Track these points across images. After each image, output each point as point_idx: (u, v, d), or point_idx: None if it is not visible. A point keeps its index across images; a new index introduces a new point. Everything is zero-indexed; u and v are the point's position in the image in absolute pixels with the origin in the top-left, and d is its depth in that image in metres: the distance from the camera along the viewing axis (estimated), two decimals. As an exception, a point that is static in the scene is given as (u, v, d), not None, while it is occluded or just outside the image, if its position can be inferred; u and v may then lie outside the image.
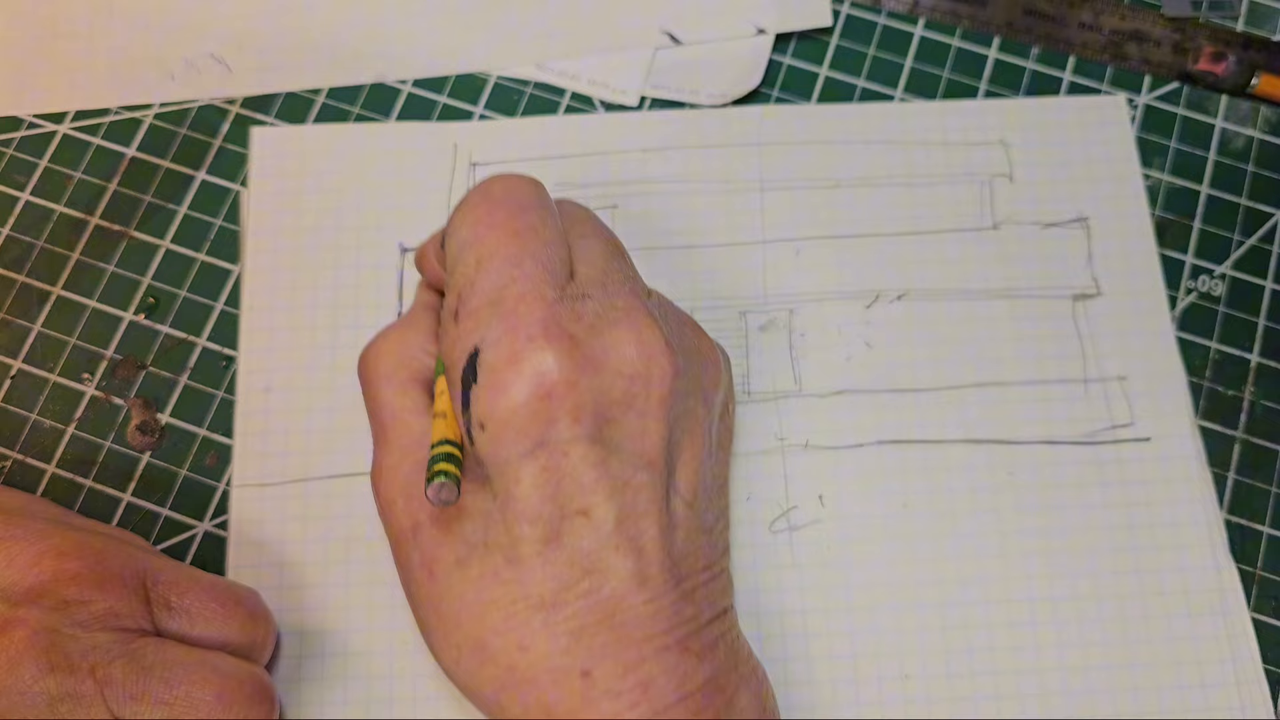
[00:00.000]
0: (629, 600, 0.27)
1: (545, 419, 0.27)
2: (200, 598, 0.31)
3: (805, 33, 0.41)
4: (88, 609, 0.29)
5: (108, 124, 0.40)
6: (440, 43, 0.41)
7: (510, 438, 0.27)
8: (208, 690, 0.29)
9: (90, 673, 0.28)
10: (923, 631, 0.34)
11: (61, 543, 0.30)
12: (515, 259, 0.28)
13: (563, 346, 0.27)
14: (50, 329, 0.38)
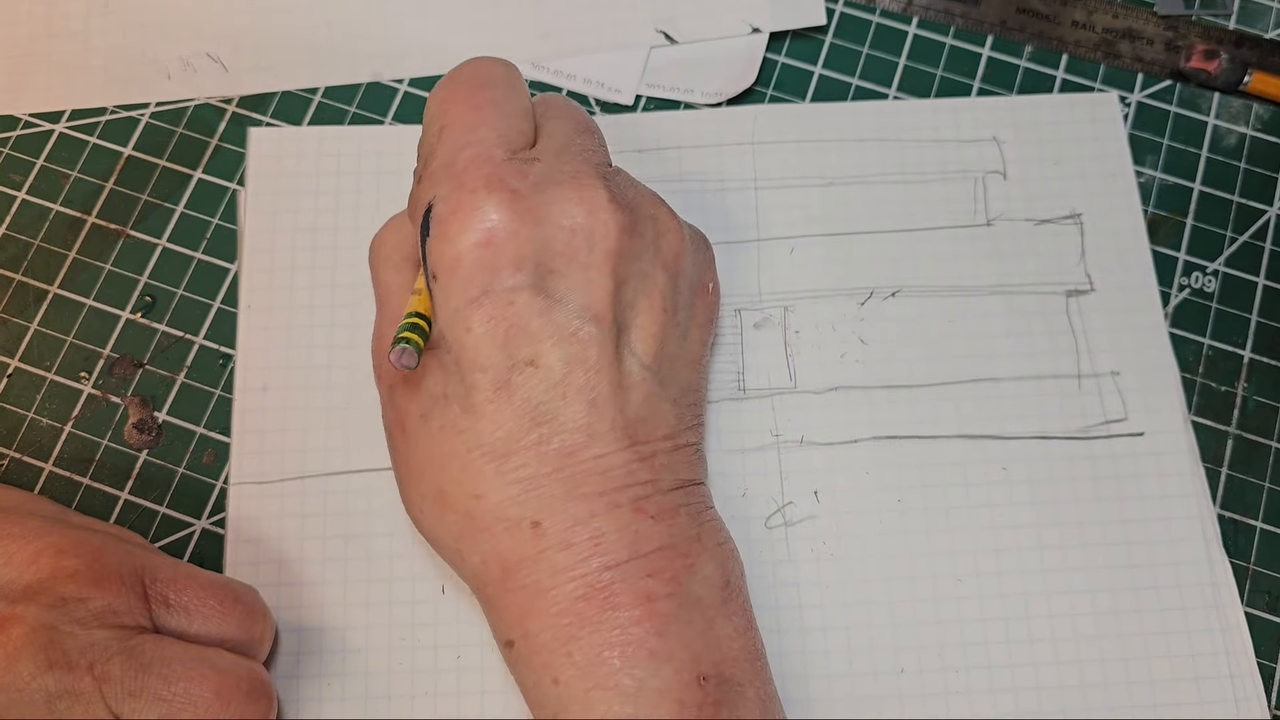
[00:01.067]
0: (579, 454, 0.28)
1: (488, 267, 0.28)
2: (198, 595, 0.31)
3: (799, 31, 0.42)
4: (86, 606, 0.29)
5: (104, 123, 0.40)
6: (436, 42, 0.41)
7: (457, 286, 0.28)
8: (206, 687, 0.29)
9: (88, 670, 0.28)
10: (917, 626, 0.34)
11: (59, 540, 0.30)
12: (471, 126, 0.30)
13: (503, 197, 0.28)
14: (47, 328, 0.38)
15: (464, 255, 0.28)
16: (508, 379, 0.29)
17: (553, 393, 0.28)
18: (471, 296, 0.28)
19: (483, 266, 0.28)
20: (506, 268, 0.28)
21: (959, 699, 0.34)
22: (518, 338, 0.28)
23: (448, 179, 0.29)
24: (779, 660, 0.34)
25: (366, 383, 0.36)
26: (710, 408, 0.36)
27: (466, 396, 0.29)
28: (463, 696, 0.33)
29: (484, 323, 0.28)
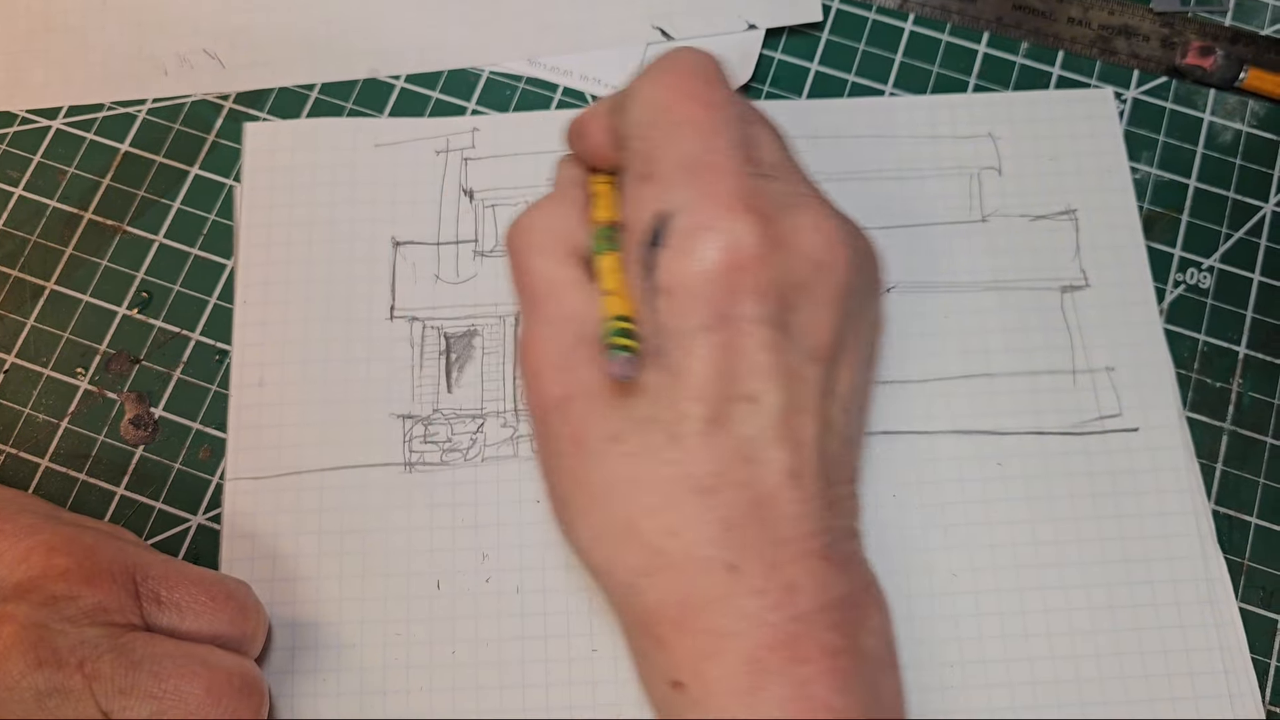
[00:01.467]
0: (781, 497, 0.27)
1: (731, 291, 0.27)
2: (190, 592, 0.31)
3: (796, 28, 0.42)
4: (76, 604, 0.29)
5: (101, 119, 0.40)
6: (433, 38, 0.41)
7: (694, 307, 0.27)
8: (196, 684, 0.29)
9: (78, 667, 0.28)
10: (911, 621, 0.34)
11: (50, 538, 0.30)
12: (710, 129, 0.28)
13: (756, 220, 0.27)
14: (44, 324, 0.38)
15: (709, 276, 0.27)
16: (724, 412, 0.27)
17: (767, 432, 0.27)
18: (706, 322, 0.27)
19: (726, 291, 0.27)
20: (750, 295, 0.27)
21: (954, 694, 0.34)
22: (744, 371, 0.27)
23: (691, 188, 0.27)
24: (774, 655, 0.34)
25: (364, 378, 0.36)
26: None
27: (676, 424, 0.27)
28: (457, 692, 0.33)
29: (713, 350, 0.27)
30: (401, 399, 0.36)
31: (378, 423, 0.36)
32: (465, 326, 0.37)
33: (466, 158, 0.39)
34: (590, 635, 0.34)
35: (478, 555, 0.35)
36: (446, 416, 0.36)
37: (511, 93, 0.41)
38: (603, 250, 0.30)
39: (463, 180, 0.39)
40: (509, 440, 0.36)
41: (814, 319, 0.28)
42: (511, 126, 0.40)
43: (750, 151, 0.28)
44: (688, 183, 0.27)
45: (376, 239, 0.38)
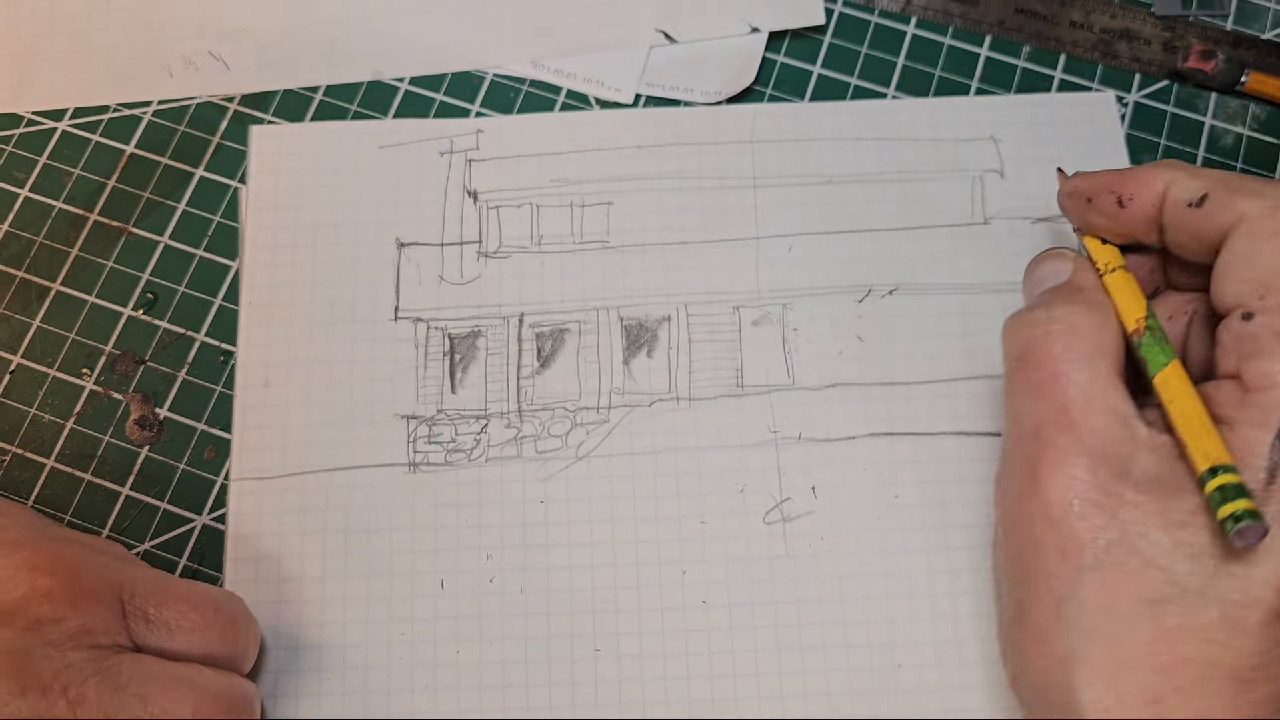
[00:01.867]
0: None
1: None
2: (178, 609, 0.30)
3: (798, 31, 0.42)
4: (60, 627, 0.28)
5: (107, 121, 0.41)
6: (437, 41, 0.41)
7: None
8: (184, 707, 0.28)
9: (62, 693, 0.27)
10: (914, 622, 0.34)
11: (34, 556, 0.29)
12: None
13: None
14: (49, 324, 0.38)
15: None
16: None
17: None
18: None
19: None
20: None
21: (954, 694, 0.34)
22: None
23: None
24: (775, 656, 0.34)
25: (368, 378, 0.37)
26: (708, 404, 0.37)
27: (1240, 606, 0.25)
28: (461, 691, 0.34)
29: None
30: (406, 400, 0.37)
31: (382, 423, 0.36)
32: (469, 327, 0.37)
33: (470, 159, 0.39)
34: (593, 636, 0.34)
35: (481, 555, 0.35)
36: (450, 417, 0.36)
37: (515, 95, 0.41)
38: (1160, 360, 0.27)
39: (467, 182, 0.39)
40: (512, 441, 0.36)
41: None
42: (516, 128, 0.40)
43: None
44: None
45: (381, 240, 0.38)
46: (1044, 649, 0.27)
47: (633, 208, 0.39)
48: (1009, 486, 0.28)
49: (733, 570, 0.35)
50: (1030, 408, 0.28)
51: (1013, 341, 0.29)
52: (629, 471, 0.36)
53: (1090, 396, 0.27)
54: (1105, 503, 0.26)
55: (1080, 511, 0.26)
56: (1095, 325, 0.28)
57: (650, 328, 0.38)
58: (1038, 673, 0.27)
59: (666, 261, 0.38)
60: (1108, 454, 0.26)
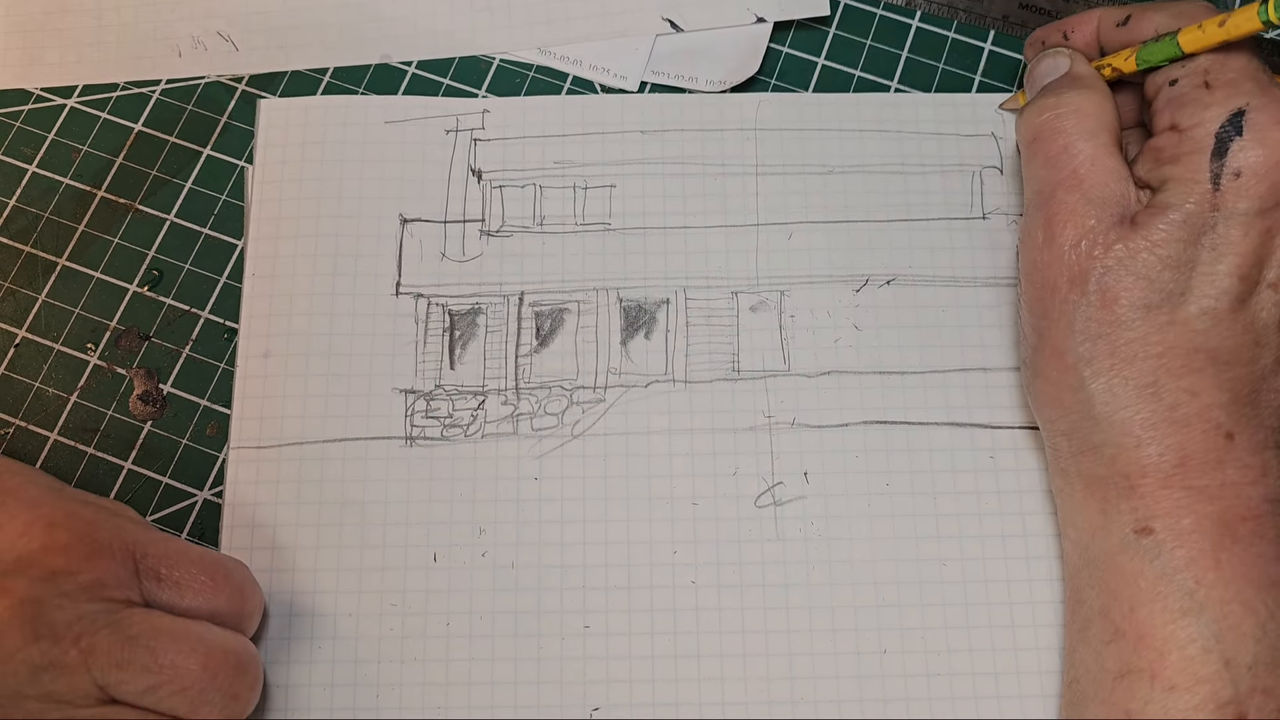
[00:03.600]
0: (1270, 383, 0.31)
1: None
2: (189, 570, 0.31)
3: (804, 22, 0.42)
4: (75, 579, 0.29)
5: (115, 99, 0.41)
6: (445, 25, 0.42)
7: (1256, 190, 0.30)
8: (193, 660, 0.29)
9: (74, 642, 0.28)
10: (901, 608, 0.35)
11: (51, 513, 0.30)
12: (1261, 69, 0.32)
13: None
14: (55, 299, 0.38)
15: (1278, 166, 0.30)
16: (1251, 293, 0.31)
17: (1274, 319, 0.31)
18: (1263, 206, 0.30)
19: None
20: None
21: (940, 680, 0.34)
22: (1272, 259, 0.30)
23: (1262, 92, 0.31)
24: (764, 638, 0.34)
25: (368, 352, 0.37)
26: (704, 387, 0.37)
27: (1213, 297, 0.30)
28: (451, 663, 0.34)
29: (1260, 234, 0.30)
30: (405, 374, 0.37)
31: (380, 396, 0.37)
32: (469, 304, 0.38)
33: (476, 138, 0.40)
34: (583, 613, 0.34)
35: (475, 530, 0.35)
36: (448, 392, 0.37)
37: (521, 80, 0.41)
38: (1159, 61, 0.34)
39: (471, 160, 0.40)
40: (509, 418, 0.37)
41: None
42: (521, 109, 0.40)
43: None
44: (1256, 88, 0.31)
45: (384, 216, 0.39)
46: (1060, 360, 0.32)
47: (635, 191, 0.39)
48: (1031, 240, 0.33)
49: (723, 552, 0.35)
50: (1046, 175, 0.33)
51: (1028, 126, 0.34)
52: (623, 451, 0.36)
53: (1095, 160, 0.32)
54: (1106, 239, 0.31)
55: (1087, 248, 0.32)
56: (1096, 105, 0.33)
57: (649, 310, 0.38)
58: (1055, 382, 0.32)
59: (667, 245, 0.39)
60: (1109, 204, 0.32)
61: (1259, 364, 0.31)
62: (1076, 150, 0.33)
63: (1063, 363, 0.32)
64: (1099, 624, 0.31)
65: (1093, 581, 0.32)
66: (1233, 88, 0.32)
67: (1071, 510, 0.33)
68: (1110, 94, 0.34)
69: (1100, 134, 0.33)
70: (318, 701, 0.34)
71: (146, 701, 0.29)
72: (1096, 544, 0.32)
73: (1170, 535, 0.30)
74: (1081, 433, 0.32)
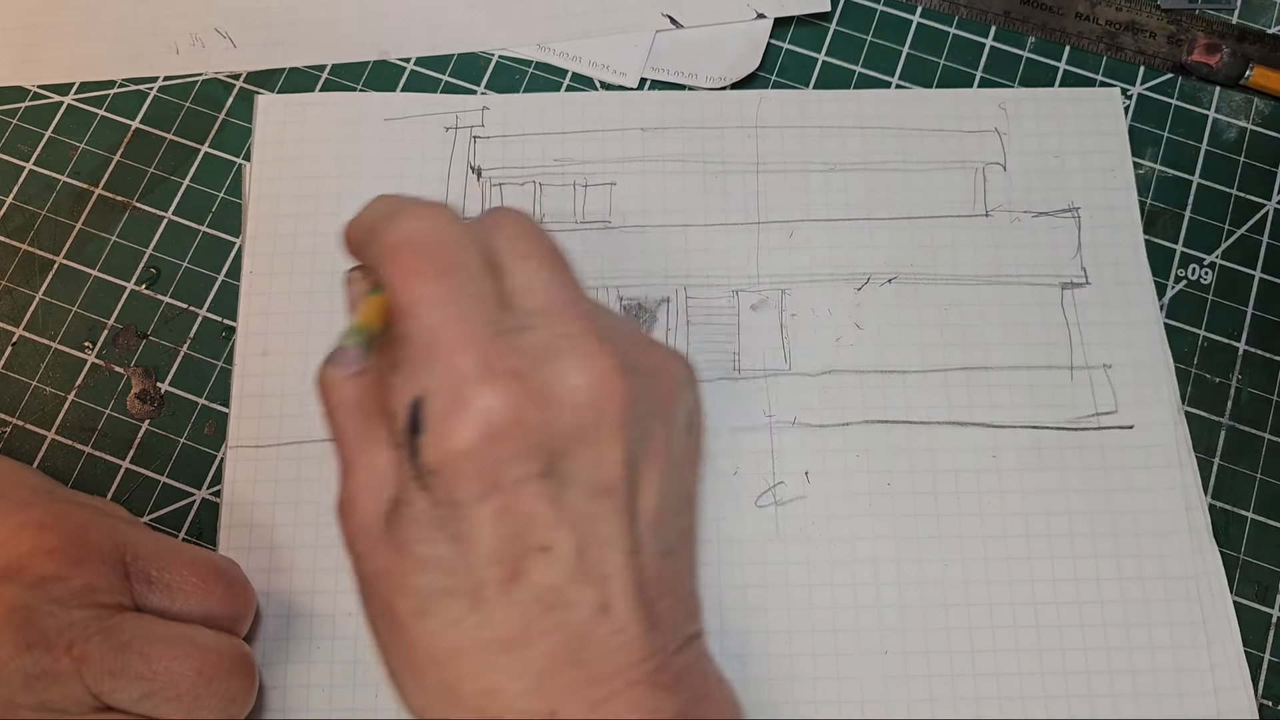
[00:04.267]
0: (595, 633, 0.27)
1: (496, 461, 0.26)
2: (180, 572, 0.31)
3: (804, 18, 0.42)
4: (65, 585, 0.29)
5: (112, 96, 0.41)
6: (443, 21, 0.42)
7: (462, 483, 0.26)
8: (187, 666, 0.29)
9: (67, 649, 0.28)
10: (902, 608, 0.34)
11: (40, 515, 0.30)
12: (443, 299, 0.27)
13: (504, 385, 0.26)
14: (52, 297, 0.38)
15: (469, 453, 0.26)
16: (520, 569, 0.26)
17: (566, 576, 0.27)
18: (478, 493, 0.26)
19: (490, 461, 0.26)
20: (514, 459, 0.26)
21: (941, 681, 0.34)
22: (529, 527, 0.26)
23: (434, 369, 0.26)
24: (764, 638, 0.34)
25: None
26: (706, 387, 0.37)
27: (475, 590, 0.27)
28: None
29: (494, 515, 0.26)
30: (403, 375, 0.37)
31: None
32: (467, 304, 0.38)
33: (475, 135, 0.40)
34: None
35: (474, 531, 0.35)
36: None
37: (521, 77, 0.41)
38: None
39: (471, 158, 0.39)
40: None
41: (594, 457, 0.27)
42: (521, 106, 0.40)
43: (493, 306, 0.27)
44: (429, 364, 0.26)
45: (382, 215, 0.38)
46: (386, 668, 0.29)
47: (635, 189, 0.39)
48: None
49: (724, 552, 0.35)
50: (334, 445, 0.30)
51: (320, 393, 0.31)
52: (623, 451, 0.36)
53: (354, 437, 0.29)
54: (367, 539, 0.28)
55: (357, 552, 0.29)
56: (366, 382, 0.29)
57: (649, 308, 0.38)
58: (394, 690, 0.29)
59: (667, 243, 0.38)
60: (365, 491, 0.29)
61: (568, 627, 0.27)
62: (341, 433, 0.29)
63: (389, 675, 0.29)
64: None
65: None
66: (410, 367, 0.27)
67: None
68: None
69: (356, 408, 0.29)
70: (316, 702, 0.33)
71: (141, 708, 0.28)
72: None
73: None
74: None
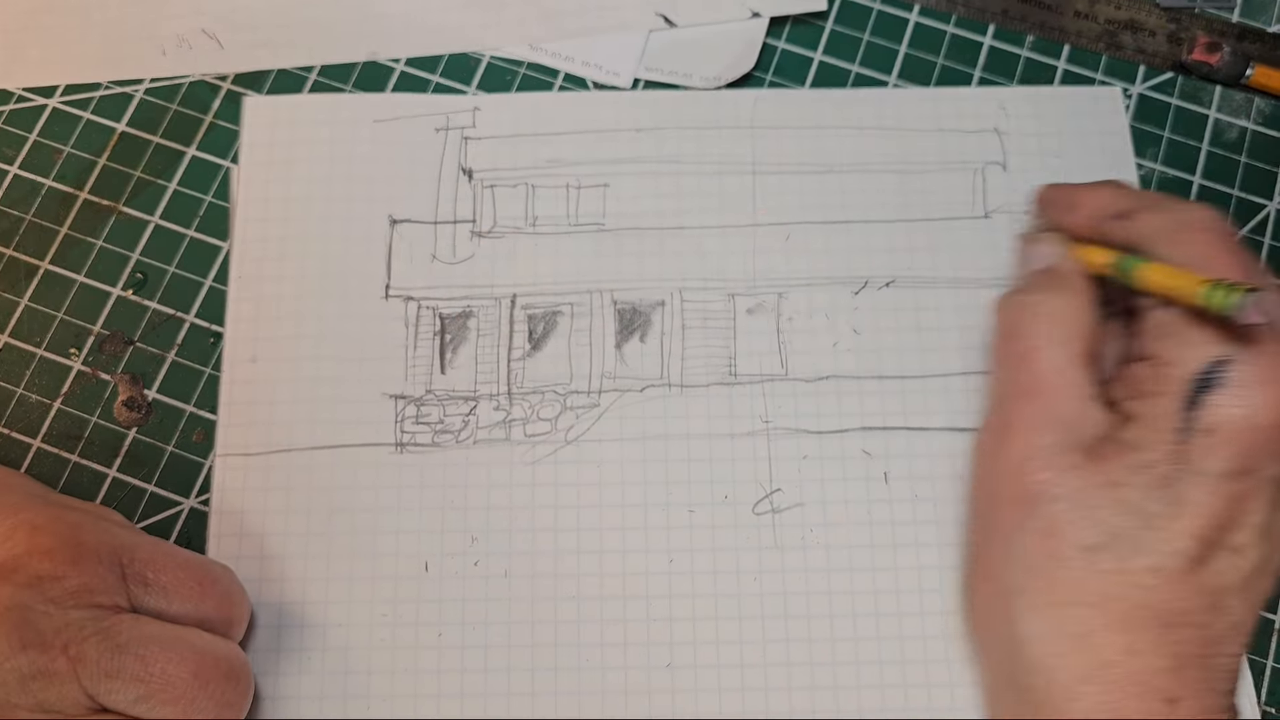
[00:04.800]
0: (1225, 648, 0.28)
1: (1265, 446, 0.28)
2: (177, 575, 0.30)
3: (800, 17, 0.41)
4: (61, 585, 0.28)
5: (98, 98, 0.40)
6: (434, 21, 0.41)
7: (1228, 452, 0.28)
8: (184, 668, 0.28)
9: (63, 650, 0.27)
10: (902, 617, 0.34)
11: (35, 517, 0.30)
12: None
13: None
14: (37, 303, 0.38)
15: (1257, 429, 0.28)
16: (1210, 555, 0.28)
17: (1236, 584, 0.28)
18: (1231, 470, 0.28)
19: (1261, 444, 0.28)
20: (1275, 457, 0.28)
21: (941, 691, 0.33)
22: (1239, 524, 0.28)
23: (1247, 343, 0.28)
24: (762, 648, 0.34)
25: (357, 356, 0.36)
26: (701, 392, 0.36)
27: (1163, 557, 0.28)
28: (443, 674, 0.33)
29: (1226, 498, 0.28)
30: (394, 379, 0.36)
31: (370, 402, 0.36)
32: (460, 308, 0.37)
33: (467, 137, 0.39)
34: (578, 622, 0.34)
35: (467, 538, 0.35)
36: (439, 397, 0.36)
37: (512, 78, 0.41)
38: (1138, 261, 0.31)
39: (462, 159, 0.39)
40: (501, 423, 0.36)
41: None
42: (513, 107, 0.40)
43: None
44: (1240, 337, 0.28)
45: (373, 217, 0.38)
46: (992, 585, 0.30)
47: (629, 191, 0.38)
48: (982, 445, 0.32)
49: (720, 560, 0.34)
50: (1009, 378, 0.31)
51: (1003, 319, 0.33)
52: (618, 457, 0.35)
53: (1060, 373, 0.30)
54: (1058, 463, 0.29)
55: (1035, 469, 0.29)
56: (1073, 311, 0.31)
57: (644, 312, 0.37)
58: (985, 607, 0.31)
59: (662, 246, 0.38)
60: (1067, 423, 0.30)
61: (1212, 629, 0.28)
62: (1042, 358, 0.30)
63: (995, 588, 0.30)
64: None
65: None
66: (1210, 336, 0.29)
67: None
68: (1092, 297, 0.32)
69: (1072, 343, 0.30)
70: (307, 713, 0.33)
71: (137, 711, 0.28)
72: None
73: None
74: (1009, 670, 0.30)
